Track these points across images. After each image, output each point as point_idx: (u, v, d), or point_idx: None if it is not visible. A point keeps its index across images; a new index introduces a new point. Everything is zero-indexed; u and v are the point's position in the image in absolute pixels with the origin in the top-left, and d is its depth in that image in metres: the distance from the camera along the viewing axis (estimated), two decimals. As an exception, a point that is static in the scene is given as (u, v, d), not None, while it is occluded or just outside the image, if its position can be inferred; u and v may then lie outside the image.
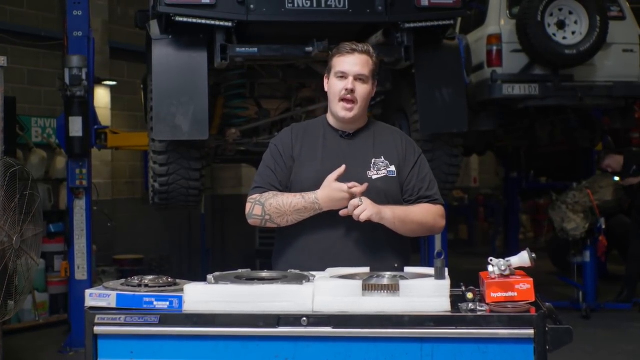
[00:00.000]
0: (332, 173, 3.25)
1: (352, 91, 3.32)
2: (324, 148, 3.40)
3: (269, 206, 3.31)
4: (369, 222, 3.21)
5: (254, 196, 3.39)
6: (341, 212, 3.19)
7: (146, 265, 11.26)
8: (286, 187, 3.40)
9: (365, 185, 3.21)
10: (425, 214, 3.36)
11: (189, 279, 2.92)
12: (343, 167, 3.23)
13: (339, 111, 3.36)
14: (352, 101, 3.33)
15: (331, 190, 3.22)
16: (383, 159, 3.37)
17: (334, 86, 3.37)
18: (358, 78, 3.33)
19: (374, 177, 3.33)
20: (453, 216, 15.08)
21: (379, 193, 3.30)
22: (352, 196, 3.19)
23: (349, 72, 3.32)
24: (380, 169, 3.35)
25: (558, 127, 10.31)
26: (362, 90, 3.34)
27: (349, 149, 3.40)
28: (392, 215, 3.23)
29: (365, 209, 3.14)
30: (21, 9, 10.72)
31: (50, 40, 10.45)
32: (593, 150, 11.37)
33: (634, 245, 9.61)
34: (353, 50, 3.34)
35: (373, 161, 3.36)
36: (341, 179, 3.25)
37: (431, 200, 3.40)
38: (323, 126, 3.48)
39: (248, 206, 3.39)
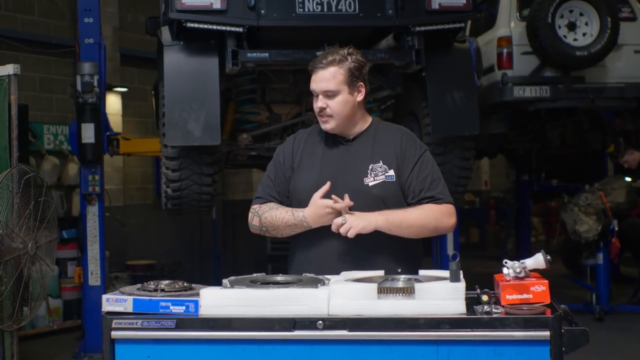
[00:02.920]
0: (319, 189, 3.25)
1: (322, 109, 3.32)
2: (323, 156, 3.40)
3: (265, 219, 3.37)
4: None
5: (255, 206, 3.45)
6: (332, 229, 3.18)
7: (158, 270, 11.28)
8: (286, 197, 3.43)
9: (347, 202, 3.17)
10: (425, 215, 3.28)
11: (201, 284, 2.93)
12: (328, 185, 3.22)
13: (322, 124, 3.38)
14: (327, 115, 3.33)
15: (317, 208, 3.23)
16: (381, 163, 3.33)
17: (313, 102, 3.40)
18: (325, 95, 3.31)
19: (370, 184, 3.30)
20: (464, 219, 15.04)
21: (377, 200, 3.28)
22: (339, 212, 3.18)
23: (315, 91, 3.32)
24: (378, 175, 3.31)
25: (569, 129, 10.30)
26: (334, 104, 3.31)
27: (348, 155, 3.38)
28: (385, 222, 3.20)
29: (350, 227, 3.12)
30: (32, 17, 10.78)
31: (62, 47, 10.52)
32: (605, 152, 11.34)
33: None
34: (319, 68, 3.31)
35: (371, 167, 3.32)
36: (338, 187, 3.25)
37: (434, 199, 3.32)
38: (325, 132, 3.46)
39: (249, 215, 3.45)
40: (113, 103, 11.41)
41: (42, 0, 10.90)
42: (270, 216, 3.35)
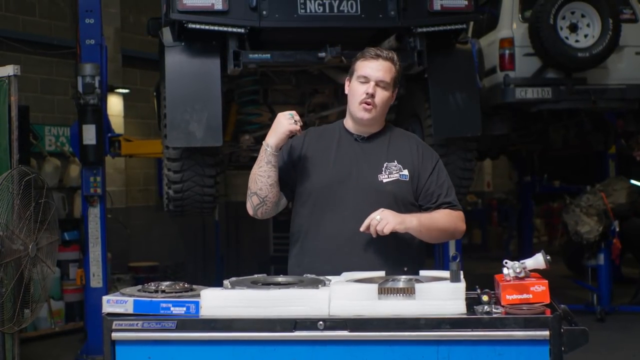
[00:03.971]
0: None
1: (372, 96, 3.33)
2: (337, 151, 3.43)
3: (248, 180, 3.42)
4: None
5: None
6: (361, 228, 3.18)
7: (161, 272, 11.28)
8: (286, 185, 3.44)
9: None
10: (447, 220, 3.37)
11: (204, 285, 2.93)
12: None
13: (358, 112, 3.37)
14: (371, 105, 3.34)
15: (277, 118, 3.33)
16: (396, 162, 3.38)
17: (354, 89, 3.39)
18: (379, 84, 3.34)
19: (384, 181, 3.35)
20: (467, 221, 14.85)
21: (389, 196, 3.32)
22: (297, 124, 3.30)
23: (370, 77, 3.33)
24: (392, 173, 3.36)
25: (571, 131, 10.30)
26: (382, 95, 3.35)
27: (362, 152, 3.42)
28: (418, 223, 3.24)
29: (387, 222, 3.13)
30: (33, 17, 10.77)
31: (63, 48, 10.50)
32: (607, 153, 11.34)
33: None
34: (377, 56, 3.35)
35: (385, 165, 3.37)
36: (352, 182, 3.32)
37: (451, 206, 3.41)
38: (339, 130, 3.51)
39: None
40: (115, 104, 11.40)
41: (43, 1, 10.89)
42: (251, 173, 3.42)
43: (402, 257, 3.32)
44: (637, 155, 9.82)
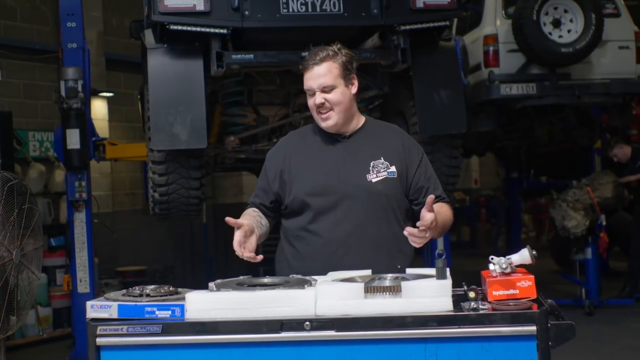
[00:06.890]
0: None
1: (322, 105, 3.30)
2: (321, 154, 3.40)
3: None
4: (372, 225, 3.26)
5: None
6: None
7: (149, 276, 11.23)
8: (277, 197, 3.41)
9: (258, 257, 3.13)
10: (449, 215, 3.39)
11: (193, 288, 2.90)
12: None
13: (320, 123, 3.37)
14: (326, 111, 3.32)
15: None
16: (382, 159, 3.35)
17: (308, 102, 3.39)
18: (323, 90, 3.30)
19: (373, 181, 3.32)
20: (455, 218, 14.94)
21: (380, 196, 3.31)
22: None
23: (312, 88, 3.32)
24: (380, 171, 3.33)
25: (557, 126, 10.32)
26: (333, 97, 3.31)
27: (346, 152, 3.38)
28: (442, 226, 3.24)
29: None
30: (15, 22, 10.72)
31: (45, 53, 10.44)
32: (592, 148, 11.37)
33: (635, 241, 9.61)
34: (313, 65, 3.31)
35: (372, 164, 3.33)
36: (340, 184, 3.29)
37: (441, 199, 3.40)
38: (320, 131, 3.46)
39: None
40: (99, 108, 11.35)
41: (24, 5, 10.85)
42: None
43: (396, 258, 3.29)
44: (613, 155, 9.85)
